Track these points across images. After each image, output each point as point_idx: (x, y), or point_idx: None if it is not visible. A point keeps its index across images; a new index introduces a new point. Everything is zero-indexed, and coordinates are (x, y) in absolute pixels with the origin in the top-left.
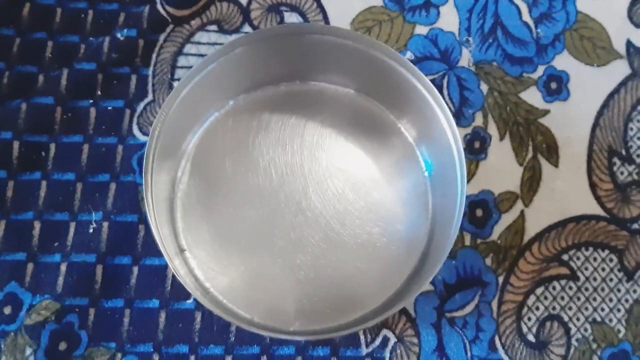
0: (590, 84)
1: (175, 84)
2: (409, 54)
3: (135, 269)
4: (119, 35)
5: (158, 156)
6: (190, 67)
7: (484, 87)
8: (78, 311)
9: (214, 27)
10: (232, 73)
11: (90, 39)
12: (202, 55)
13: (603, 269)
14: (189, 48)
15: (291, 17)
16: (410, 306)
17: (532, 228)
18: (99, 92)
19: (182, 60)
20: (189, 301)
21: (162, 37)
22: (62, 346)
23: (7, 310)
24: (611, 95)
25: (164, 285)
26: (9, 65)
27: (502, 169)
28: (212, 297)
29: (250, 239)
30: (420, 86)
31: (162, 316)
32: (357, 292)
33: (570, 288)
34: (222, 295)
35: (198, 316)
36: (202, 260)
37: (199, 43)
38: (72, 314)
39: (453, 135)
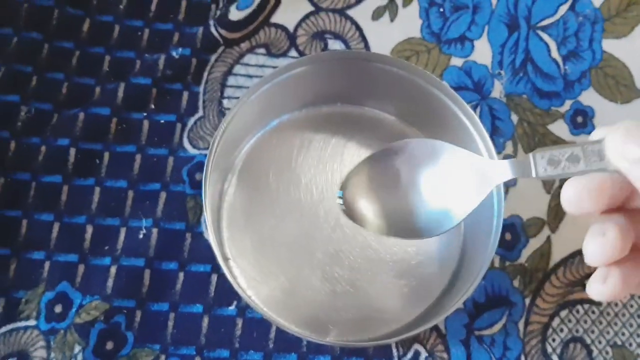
0: (614, 120)
1: (225, 102)
2: (444, 84)
3: (181, 275)
4: (173, 53)
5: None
6: (239, 86)
7: (514, 118)
8: (125, 312)
9: (262, 51)
10: (282, 94)
11: (146, 55)
12: (250, 76)
13: (624, 296)
14: (238, 69)
15: (335, 45)
16: (441, 323)
17: (558, 253)
18: (153, 106)
19: (231, 80)
20: (231, 307)
21: (213, 57)
22: (109, 345)
23: (58, 308)
24: None
25: (207, 291)
26: (67, 76)
27: (530, 196)
28: (253, 304)
29: (290, 250)
30: (461, 113)
31: (205, 321)
32: (391, 306)
33: (593, 312)
34: (262, 303)
35: (239, 322)
36: (245, 269)
37: (247, 64)
38: (120, 315)
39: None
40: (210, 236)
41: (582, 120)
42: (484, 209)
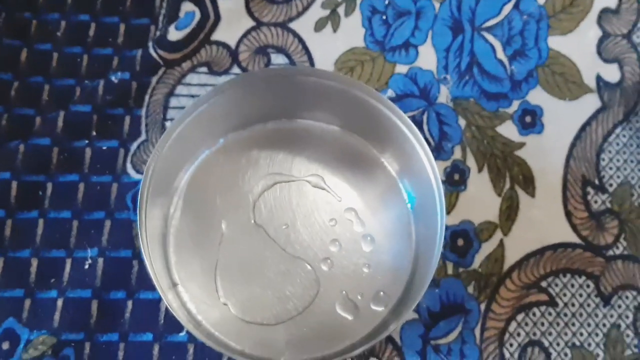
0: (563, 118)
1: (168, 123)
2: (390, 92)
3: (130, 303)
4: (113, 78)
5: (151, 193)
6: (182, 107)
7: (462, 122)
8: (74, 345)
9: (204, 69)
10: (222, 113)
11: (86, 82)
12: (193, 96)
13: (580, 295)
14: (180, 89)
15: (277, 59)
16: (396, 334)
17: (512, 256)
18: (94, 133)
19: (173, 101)
20: (182, 334)
21: (154, 79)
22: None
23: (5, 345)
24: (583, 128)
25: (157, 319)
26: (7, 108)
27: (481, 199)
28: (204, 330)
29: (241, 271)
30: (400, 123)
31: (156, 349)
32: (345, 321)
33: (550, 314)
34: (213, 327)
35: (191, 348)
36: (194, 294)
37: (189, 84)
38: (69, 347)
39: (432, 169)
40: (148, 265)
41: (530, 120)
42: (431, 216)
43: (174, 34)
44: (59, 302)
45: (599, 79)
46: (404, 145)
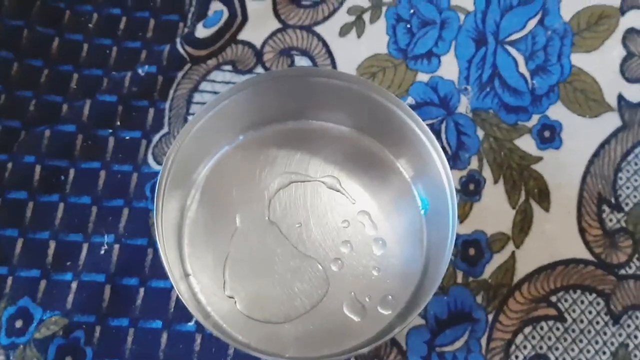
0: (582, 134)
1: (190, 118)
2: (410, 99)
3: (142, 290)
4: (140, 71)
5: (170, 184)
6: (205, 103)
7: (480, 133)
8: (85, 328)
9: (228, 67)
10: (243, 110)
11: (113, 73)
12: (216, 93)
13: (590, 312)
14: (204, 85)
15: (301, 61)
16: (402, 339)
17: (522, 269)
18: (118, 123)
19: (197, 97)
20: (191, 323)
21: (180, 74)
22: None
23: (19, 323)
24: (602, 146)
25: (167, 307)
26: (36, 94)
27: (495, 211)
28: (212, 321)
29: (251, 266)
30: (417, 129)
31: (164, 337)
32: (352, 322)
33: (558, 329)
34: (222, 319)
35: (198, 338)
36: (206, 286)
37: (214, 81)
38: (79, 330)
39: (447, 176)
40: (162, 254)
41: (549, 135)
42: (444, 223)
43: (202, 32)
44: (74, 285)
45: (620, 98)
46: (420, 151)
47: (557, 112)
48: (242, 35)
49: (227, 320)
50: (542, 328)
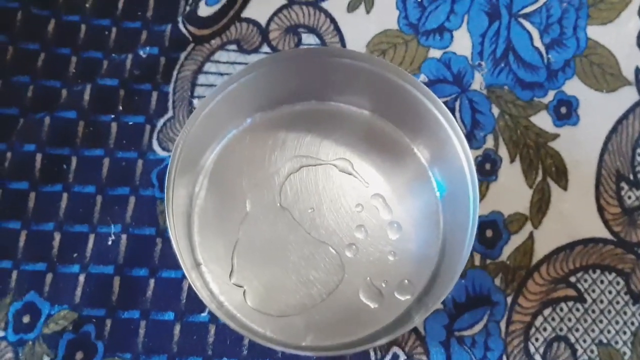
0: (600, 110)
1: (196, 101)
2: (423, 77)
3: (152, 281)
4: (141, 52)
5: (178, 172)
6: (210, 85)
7: (495, 110)
8: (95, 321)
9: (233, 47)
10: (251, 92)
11: (113, 55)
12: (221, 74)
13: (610, 292)
14: (208, 66)
15: (309, 39)
16: (420, 324)
17: (541, 250)
18: (121, 108)
19: (201, 79)
20: (204, 314)
21: (183, 55)
22: (79, 356)
23: (26, 319)
24: (620, 121)
25: (179, 298)
26: (33, 79)
27: (512, 190)
28: (226, 311)
29: (264, 254)
30: (434, 109)
31: (177, 328)
32: (369, 309)
33: (578, 310)
34: (236, 309)
35: (212, 329)
36: (217, 275)
37: (218, 62)
38: (89, 324)
39: (466, 158)
40: (174, 244)
41: (566, 111)
42: (462, 206)
43: (204, 10)
44: (81, 278)
45: (637, 71)
46: (437, 133)
47: (573, 87)
48: (246, 13)
49: (241, 309)
50: (561, 309)
